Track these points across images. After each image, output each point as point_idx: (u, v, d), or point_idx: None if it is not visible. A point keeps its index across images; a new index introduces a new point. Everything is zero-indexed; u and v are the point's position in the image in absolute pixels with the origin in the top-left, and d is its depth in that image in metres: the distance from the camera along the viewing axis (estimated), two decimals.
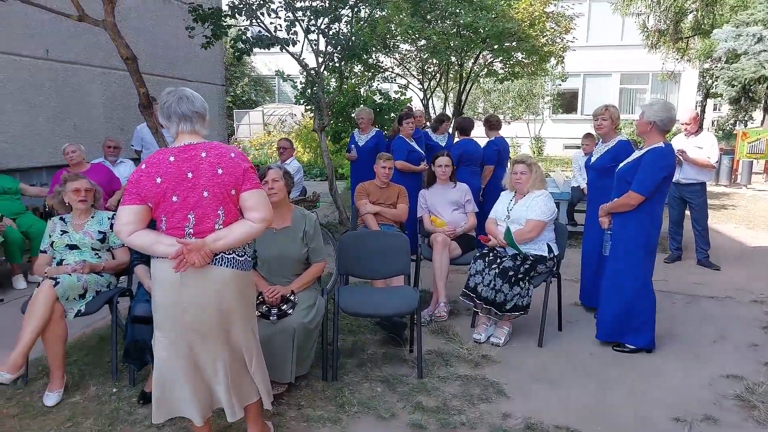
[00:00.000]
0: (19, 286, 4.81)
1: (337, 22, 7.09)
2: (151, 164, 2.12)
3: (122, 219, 2.11)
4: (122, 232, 2.11)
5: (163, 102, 2.20)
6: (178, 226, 2.13)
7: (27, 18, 5.70)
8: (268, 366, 2.55)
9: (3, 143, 5.39)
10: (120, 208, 2.13)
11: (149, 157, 2.16)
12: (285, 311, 2.90)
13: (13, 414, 2.76)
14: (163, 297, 2.18)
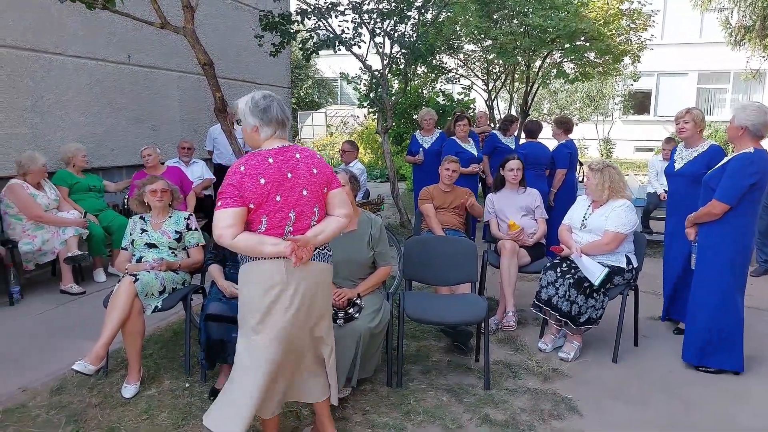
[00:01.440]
0: (100, 279, 5.09)
1: (402, 24, 7.08)
2: (252, 166, 2.15)
3: (225, 222, 2.10)
4: (225, 236, 2.10)
5: (263, 106, 2.23)
6: (279, 225, 2.19)
7: (112, 25, 6.03)
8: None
9: (89, 144, 5.72)
10: (220, 211, 2.11)
11: (245, 160, 2.18)
12: (352, 315, 2.90)
13: (95, 403, 2.90)
14: (264, 297, 2.18)
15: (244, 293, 2.25)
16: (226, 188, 2.12)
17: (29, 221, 4.61)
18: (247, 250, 2.15)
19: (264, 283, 2.18)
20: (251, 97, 2.26)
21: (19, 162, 4.64)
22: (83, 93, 5.80)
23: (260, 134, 2.23)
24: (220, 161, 6.90)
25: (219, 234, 2.11)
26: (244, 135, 2.31)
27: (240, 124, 2.28)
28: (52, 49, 5.43)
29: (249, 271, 2.21)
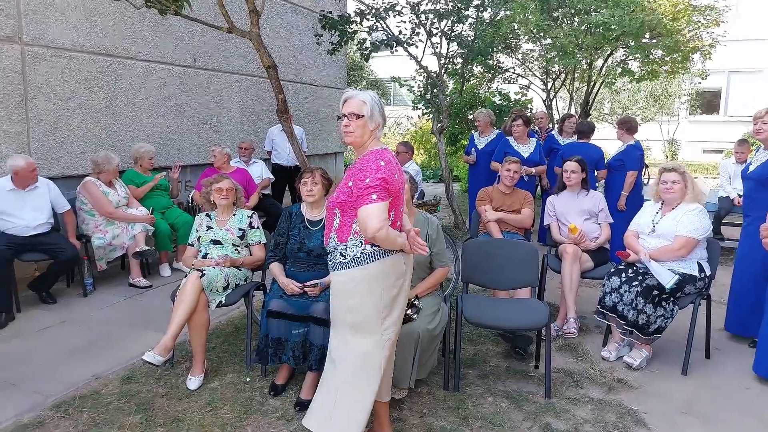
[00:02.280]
0: (165, 274, 5.30)
1: (460, 23, 7.01)
2: (388, 161, 2.24)
3: (382, 214, 2.12)
4: (384, 228, 2.12)
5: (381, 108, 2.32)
6: (394, 220, 2.28)
7: (179, 30, 6.29)
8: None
9: (156, 143, 5.99)
10: (376, 205, 2.12)
11: (379, 155, 2.23)
12: (410, 316, 2.88)
13: (162, 393, 3.02)
14: (390, 290, 2.26)
15: (366, 294, 2.25)
16: (377, 182, 2.14)
17: (101, 217, 4.86)
18: (388, 242, 2.18)
19: (390, 277, 2.26)
20: (374, 96, 2.31)
21: (95, 161, 4.89)
22: (152, 95, 6.07)
23: (376, 133, 2.30)
24: (278, 161, 7.06)
25: (378, 227, 2.11)
26: (358, 130, 2.26)
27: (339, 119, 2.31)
28: (124, 53, 5.72)
29: (382, 265, 2.24)
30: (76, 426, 2.69)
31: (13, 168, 4.19)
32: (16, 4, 4.72)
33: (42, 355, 3.48)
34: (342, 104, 2.33)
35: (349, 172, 2.28)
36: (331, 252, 2.32)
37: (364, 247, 2.23)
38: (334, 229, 2.31)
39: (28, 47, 4.83)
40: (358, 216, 2.16)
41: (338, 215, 2.29)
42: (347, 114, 2.27)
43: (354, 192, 2.20)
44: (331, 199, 2.34)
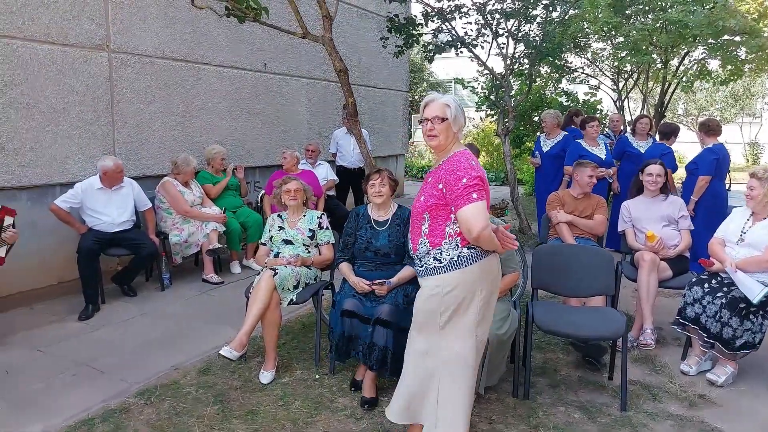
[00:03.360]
0: (236, 271, 5.50)
1: (528, 23, 6.88)
2: (476, 161, 2.25)
3: (484, 213, 2.13)
4: (487, 227, 2.13)
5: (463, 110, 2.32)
6: None
7: (251, 36, 6.52)
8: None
9: (229, 146, 6.23)
10: (477, 204, 2.11)
11: (468, 156, 2.24)
12: None
13: (236, 386, 3.13)
14: (488, 289, 2.25)
15: (467, 297, 2.21)
16: (475, 181, 2.13)
17: (178, 215, 5.10)
18: (489, 242, 2.16)
19: (488, 277, 2.25)
20: (455, 98, 2.30)
21: (175, 162, 5.15)
22: (225, 99, 6.32)
23: (459, 135, 2.29)
24: (342, 163, 7.17)
25: (482, 226, 2.09)
26: (442, 134, 2.24)
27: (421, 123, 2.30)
28: (201, 59, 5.98)
29: (474, 272, 2.20)
30: (158, 413, 2.83)
31: (103, 168, 4.48)
32: (105, 14, 5.04)
33: (126, 345, 3.69)
34: (423, 108, 2.29)
35: (436, 174, 2.25)
36: (422, 257, 2.28)
37: (460, 249, 2.19)
38: (423, 233, 2.27)
39: (114, 54, 5.15)
40: (460, 217, 2.13)
41: (427, 219, 2.25)
42: (431, 118, 2.24)
43: (447, 194, 2.16)
44: (419, 204, 2.29)
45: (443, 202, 2.19)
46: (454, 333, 2.25)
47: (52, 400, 2.96)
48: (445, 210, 2.20)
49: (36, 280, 4.62)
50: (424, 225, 2.27)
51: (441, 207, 2.20)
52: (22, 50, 4.43)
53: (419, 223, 2.30)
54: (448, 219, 2.20)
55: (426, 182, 2.33)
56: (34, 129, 4.54)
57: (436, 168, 2.28)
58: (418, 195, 2.35)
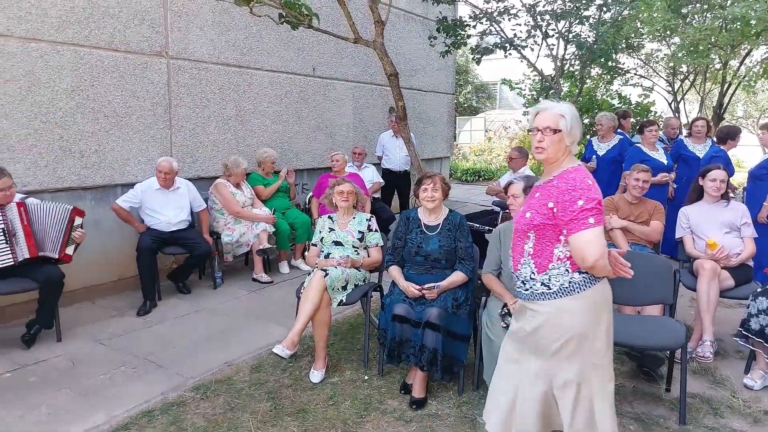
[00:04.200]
0: (284, 271, 5.62)
1: (580, 24, 6.74)
2: (594, 181, 2.06)
3: (602, 240, 1.95)
4: (604, 255, 1.95)
5: (580, 121, 2.16)
6: None
7: (301, 41, 6.64)
8: None
9: (278, 148, 6.37)
10: (594, 230, 1.93)
11: (584, 173, 2.05)
12: None
13: (287, 384, 3.20)
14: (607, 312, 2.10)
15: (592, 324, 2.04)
16: (593, 204, 1.95)
17: (230, 216, 5.25)
18: (602, 270, 1.98)
19: (609, 302, 2.12)
20: (571, 107, 2.12)
21: (226, 164, 5.31)
22: (275, 103, 6.46)
23: (572, 148, 2.10)
24: (388, 166, 7.22)
25: (599, 254, 1.91)
26: (552, 147, 2.05)
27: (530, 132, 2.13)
28: (252, 64, 6.14)
29: (593, 297, 2.04)
30: (213, 408, 2.92)
31: (157, 168, 4.66)
32: (164, 22, 5.24)
33: (181, 341, 3.83)
34: (534, 116, 2.12)
35: (545, 191, 2.07)
36: (526, 280, 2.11)
37: (571, 275, 2.02)
38: (527, 253, 2.10)
39: (172, 60, 5.35)
40: (573, 243, 1.96)
41: (532, 238, 2.08)
42: (542, 128, 2.06)
43: (559, 214, 1.99)
44: (524, 220, 2.11)
45: (552, 222, 2.02)
46: (579, 359, 2.05)
47: (114, 391, 3.11)
48: (554, 231, 2.03)
49: (98, 276, 4.85)
50: (527, 244, 2.10)
51: (549, 227, 2.03)
52: (88, 57, 4.66)
53: (522, 240, 2.13)
54: (557, 241, 2.03)
55: (532, 197, 2.16)
56: (99, 132, 4.77)
57: (545, 183, 2.10)
58: (522, 210, 2.18)
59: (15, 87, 4.21)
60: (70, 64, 4.54)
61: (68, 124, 4.56)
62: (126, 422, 2.78)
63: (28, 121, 4.31)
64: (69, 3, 4.48)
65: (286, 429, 2.73)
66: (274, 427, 2.74)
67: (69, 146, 4.58)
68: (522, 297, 2.16)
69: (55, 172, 4.50)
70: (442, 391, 3.15)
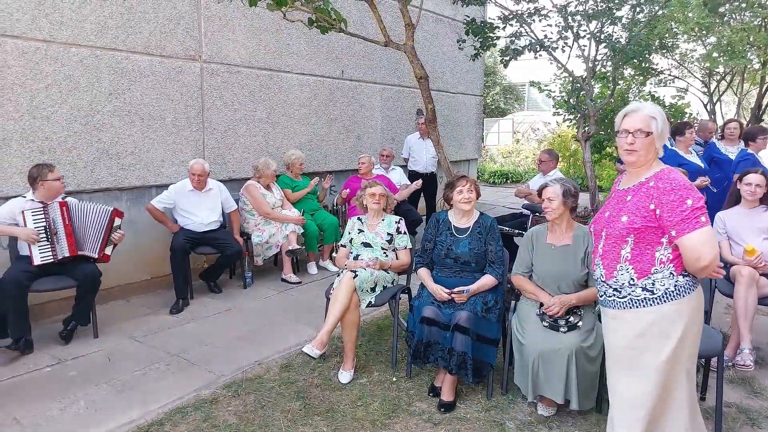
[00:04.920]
0: (312, 272, 5.67)
1: (613, 24, 6.63)
2: None
3: (714, 239, 1.93)
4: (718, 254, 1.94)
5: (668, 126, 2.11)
6: None
7: (330, 45, 6.71)
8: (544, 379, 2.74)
9: (307, 150, 6.44)
10: (706, 229, 1.90)
11: (678, 173, 2.02)
12: (574, 323, 2.83)
13: (316, 384, 3.23)
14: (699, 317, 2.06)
15: (690, 330, 2.00)
16: (701, 203, 1.93)
17: (260, 217, 5.33)
18: (711, 270, 1.95)
19: (701, 306, 2.07)
20: (660, 109, 2.08)
21: (256, 166, 5.40)
22: (304, 106, 6.54)
23: (658, 151, 2.07)
24: (414, 168, 7.22)
25: (714, 254, 1.90)
26: (643, 149, 2.02)
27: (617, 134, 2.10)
28: (283, 68, 6.23)
29: (694, 301, 2.02)
30: (245, 406, 2.98)
31: (189, 170, 4.77)
32: (198, 27, 5.36)
33: (213, 339, 3.90)
34: (622, 118, 2.08)
35: (640, 193, 2.02)
36: (621, 287, 2.03)
37: (676, 278, 1.98)
38: (624, 259, 2.03)
39: (206, 64, 5.46)
40: (686, 244, 1.90)
41: (630, 243, 2.01)
42: (633, 131, 2.02)
43: (665, 216, 1.93)
44: (619, 225, 2.03)
45: (655, 225, 1.96)
46: (687, 369, 2.03)
47: (149, 387, 3.19)
48: (656, 233, 1.97)
49: (132, 274, 4.98)
50: (624, 249, 2.02)
51: (651, 230, 1.97)
52: (125, 62, 4.80)
53: (617, 246, 2.04)
54: (658, 243, 1.98)
55: (622, 201, 2.08)
56: (134, 134, 4.90)
57: (636, 186, 2.05)
58: (610, 215, 2.11)
59: (56, 91, 4.37)
60: (108, 69, 4.68)
61: (106, 126, 4.70)
62: (160, 418, 2.85)
63: (67, 124, 4.46)
64: (107, 9, 4.62)
65: (316, 428, 2.76)
66: (304, 426, 2.78)
67: (106, 148, 4.72)
68: (612, 305, 2.07)
69: (93, 174, 4.65)
70: (471, 395, 3.14)
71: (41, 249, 3.67)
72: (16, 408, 2.93)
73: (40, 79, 4.26)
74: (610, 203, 2.15)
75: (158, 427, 2.77)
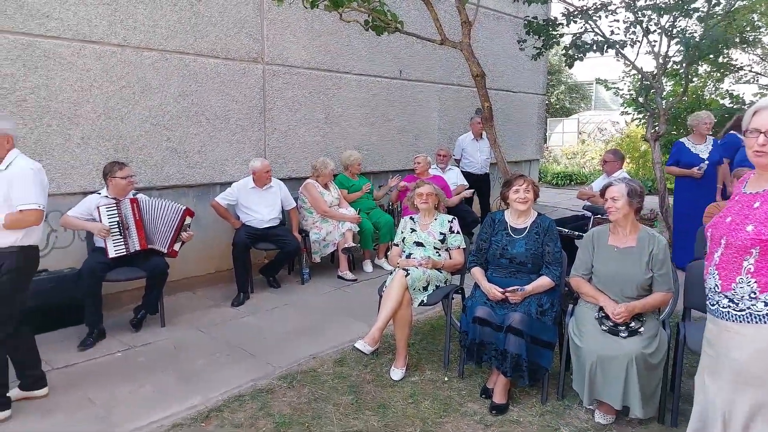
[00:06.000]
0: (368, 270, 5.73)
1: (686, 18, 6.28)
2: None
3: None
4: None
5: None
6: None
7: (389, 45, 6.75)
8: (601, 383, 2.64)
9: (364, 151, 6.52)
10: None
11: None
12: (635, 329, 2.72)
13: (369, 380, 3.26)
14: None
15: None
16: None
17: (317, 215, 5.44)
18: None
19: None
20: None
21: (314, 165, 5.51)
22: (363, 106, 6.61)
23: None
24: (467, 169, 7.13)
25: None
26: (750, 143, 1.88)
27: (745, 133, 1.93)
28: (342, 68, 6.32)
29: None
30: (299, 397, 3.05)
31: (252, 169, 4.94)
32: (261, 30, 5.54)
33: (271, 332, 4.02)
34: (752, 115, 1.90)
35: None
36: (740, 299, 1.88)
37: None
38: (746, 270, 1.87)
39: (267, 66, 5.64)
40: None
41: (755, 254, 1.84)
42: (765, 130, 1.83)
43: None
44: (742, 234, 1.86)
45: None
46: None
47: (210, 375, 3.33)
48: None
49: (198, 268, 5.21)
50: (747, 261, 1.86)
51: None
52: (193, 64, 5.03)
53: (739, 257, 1.88)
54: None
55: (748, 206, 1.91)
56: (201, 134, 5.13)
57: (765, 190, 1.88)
58: (733, 221, 1.93)
59: (129, 92, 4.64)
60: (177, 71, 4.92)
61: (175, 126, 4.95)
62: (219, 405, 2.97)
63: (139, 124, 4.72)
64: (177, 14, 4.86)
65: (367, 422, 2.79)
66: (355, 420, 2.81)
67: (175, 147, 4.96)
68: (726, 317, 1.92)
69: (162, 171, 4.90)
70: (525, 398, 3.07)
71: (115, 242, 3.91)
72: (90, 389, 3.14)
73: (115, 82, 4.54)
74: (733, 208, 1.96)
75: (217, 413, 2.89)
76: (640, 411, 2.62)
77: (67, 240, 4.37)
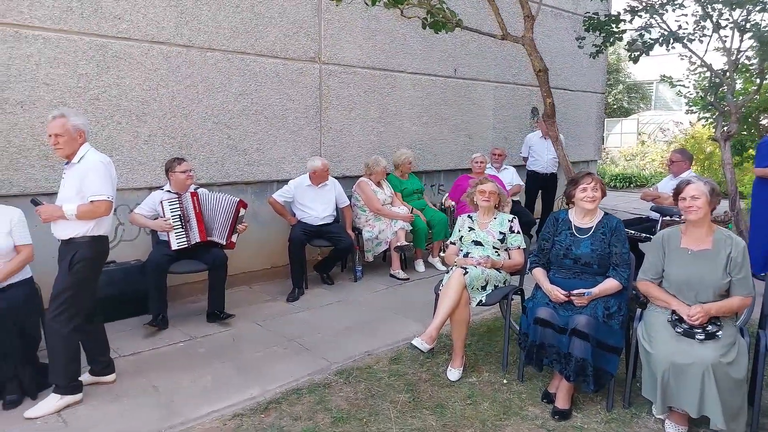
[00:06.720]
0: (420, 269, 5.69)
1: (762, 11, 5.91)
2: None
3: None
4: None
5: None
6: None
7: (444, 43, 6.68)
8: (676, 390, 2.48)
9: (417, 150, 6.48)
10: None
11: None
12: (713, 332, 2.56)
13: (425, 379, 3.22)
14: None
15: None
16: None
17: (371, 213, 5.44)
18: None
19: None
20: None
21: (367, 164, 5.53)
22: (416, 105, 6.57)
23: None
24: (533, 168, 6.98)
25: None
26: None
27: None
28: (396, 67, 6.31)
29: None
30: (355, 393, 3.04)
31: (312, 168, 4.99)
32: (318, 30, 5.60)
33: (326, 327, 4.05)
34: None
35: None
36: None
37: None
38: None
39: (324, 66, 5.69)
40: None
41: None
42: None
43: None
44: None
45: None
46: None
47: (267, 368, 3.38)
48: None
49: (255, 263, 5.31)
50: None
51: None
52: (253, 65, 5.13)
53: None
54: None
55: None
56: (260, 133, 5.23)
57: None
58: None
59: (194, 92, 4.78)
60: (238, 71, 5.04)
61: (235, 124, 5.06)
62: (278, 397, 3.00)
63: (202, 121, 4.86)
64: (239, 15, 4.98)
65: (425, 421, 2.75)
66: (413, 419, 2.78)
67: (235, 144, 5.08)
68: None
69: (223, 168, 5.03)
70: (588, 405, 2.95)
71: (177, 235, 4.03)
72: (154, 376, 3.24)
73: (180, 81, 4.69)
74: None
75: (276, 405, 2.92)
76: (722, 424, 2.45)
77: (133, 233, 4.54)
